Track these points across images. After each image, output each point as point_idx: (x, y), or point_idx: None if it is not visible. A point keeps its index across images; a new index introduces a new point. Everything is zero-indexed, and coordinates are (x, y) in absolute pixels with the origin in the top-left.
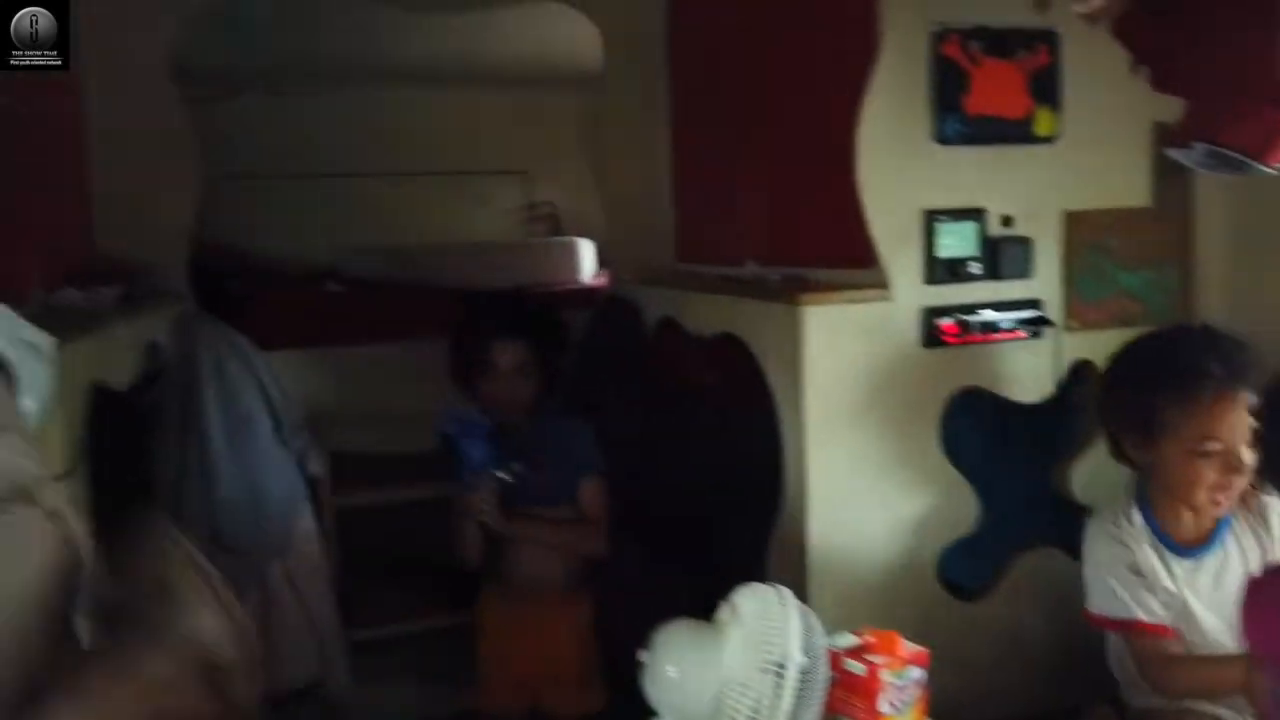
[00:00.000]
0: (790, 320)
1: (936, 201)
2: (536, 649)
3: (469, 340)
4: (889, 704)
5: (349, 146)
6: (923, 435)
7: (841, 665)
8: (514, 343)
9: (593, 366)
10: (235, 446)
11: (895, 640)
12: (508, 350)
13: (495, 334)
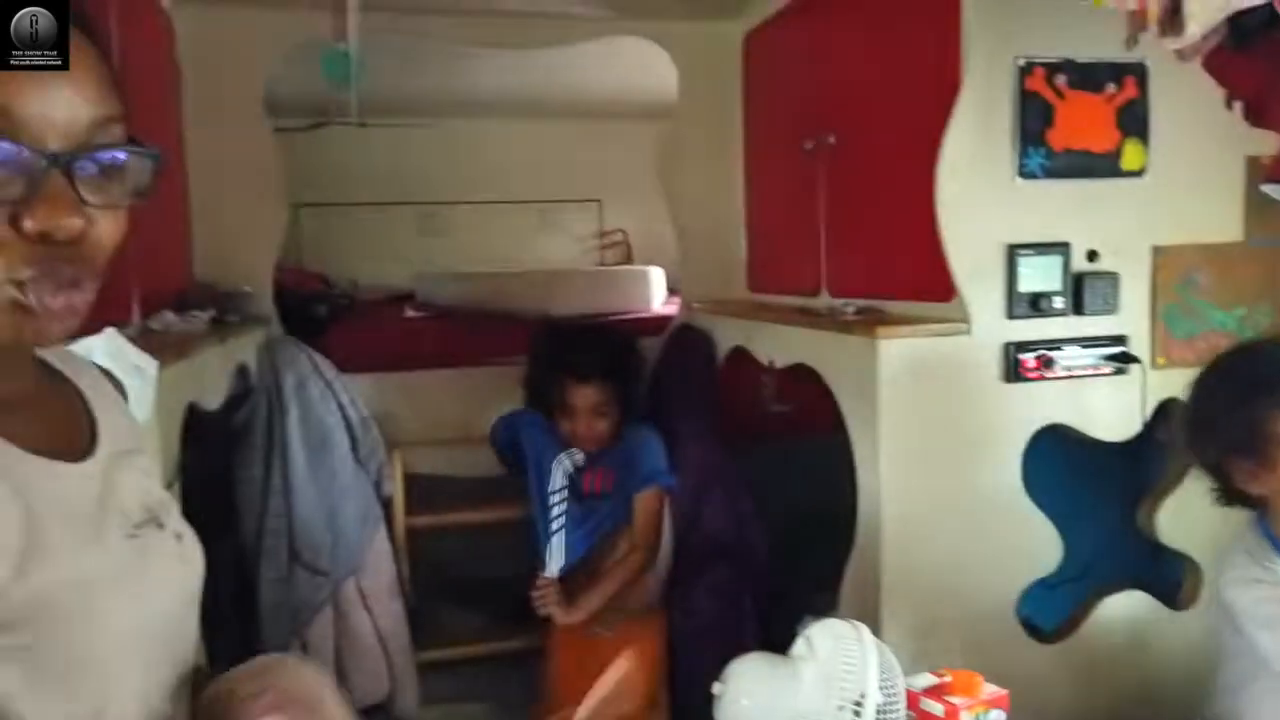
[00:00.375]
0: (866, 352)
1: (1019, 235)
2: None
3: (547, 382)
4: None
5: (428, 176)
6: (1003, 472)
7: (919, 705)
8: (592, 385)
9: (663, 395)
10: (315, 466)
11: (976, 681)
12: (586, 393)
13: (574, 377)
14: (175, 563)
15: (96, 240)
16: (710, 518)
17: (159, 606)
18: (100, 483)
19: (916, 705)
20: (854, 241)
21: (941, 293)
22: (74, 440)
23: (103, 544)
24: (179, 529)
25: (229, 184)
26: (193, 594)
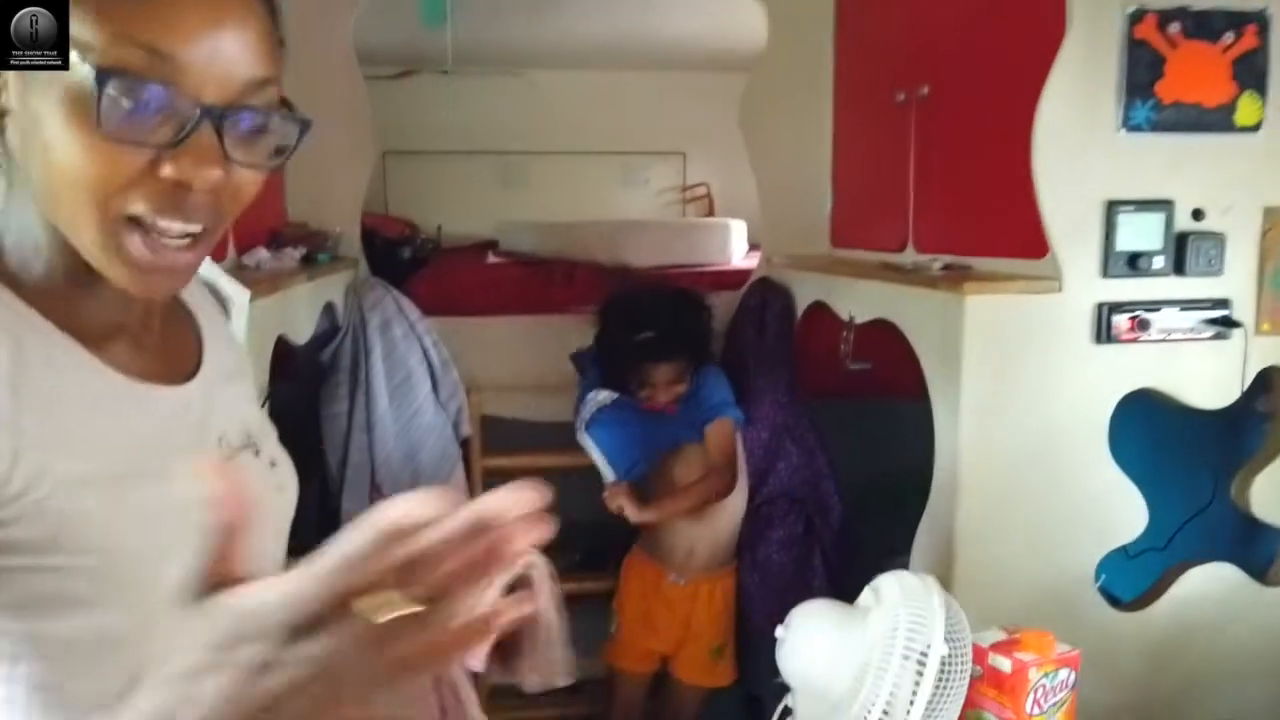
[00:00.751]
0: (952, 309)
1: (1119, 191)
2: (676, 620)
3: (622, 363)
4: (1035, 704)
5: (514, 125)
6: (1089, 437)
7: (987, 661)
8: (668, 363)
9: (739, 349)
10: (397, 404)
11: (1047, 640)
12: (664, 370)
13: (650, 359)
14: (269, 490)
15: (231, 196)
16: (784, 472)
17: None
18: (201, 405)
19: (984, 660)
20: (944, 196)
21: (1033, 249)
22: (180, 362)
23: None
24: (275, 455)
25: (321, 128)
26: (284, 521)
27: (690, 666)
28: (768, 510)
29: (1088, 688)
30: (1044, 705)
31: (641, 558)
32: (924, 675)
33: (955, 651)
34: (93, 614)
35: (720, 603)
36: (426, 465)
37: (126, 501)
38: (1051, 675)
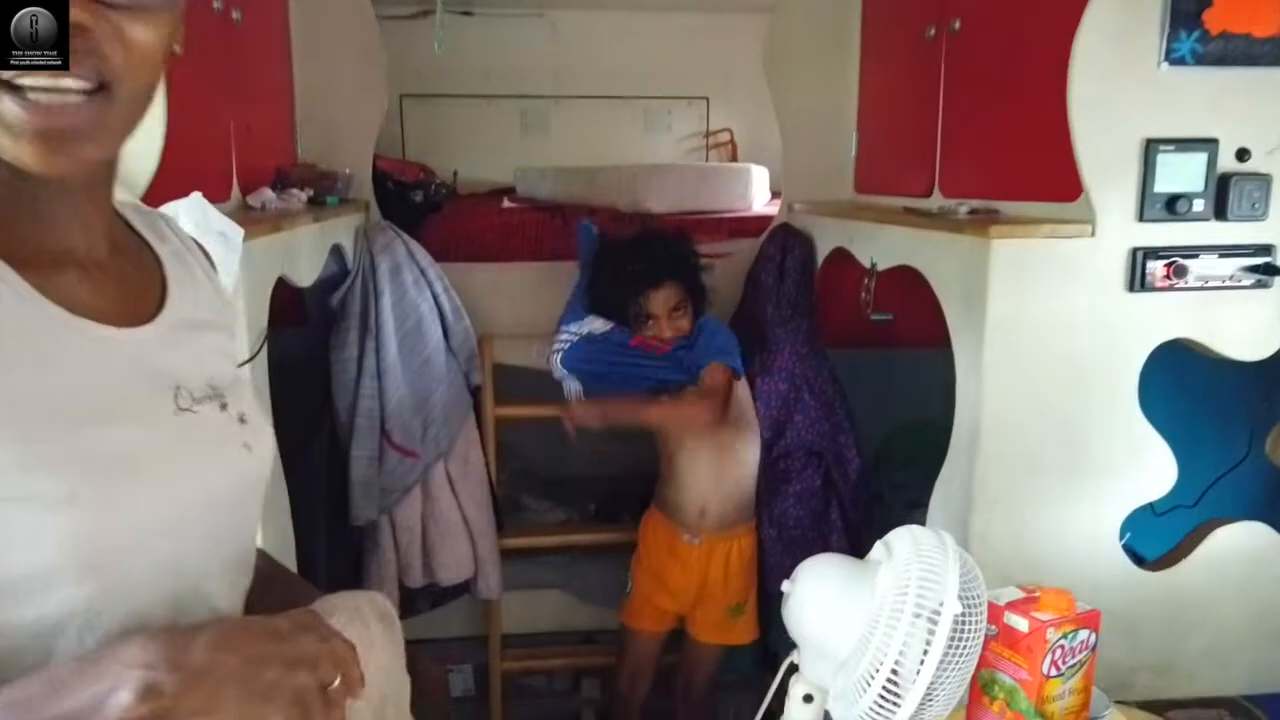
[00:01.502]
0: (977, 254)
1: (1159, 130)
2: (691, 581)
3: (620, 295)
4: (1053, 665)
5: (533, 69)
6: (1119, 389)
7: (1003, 619)
8: (666, 287)
9: (758, 297)
10: (407, 351)
11: (1067, 599)
12: (664, 296)
13: (648, 284)
14: (233, 446)
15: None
16: (802, 425)
17: (206, 486)
18: (157, 351)
19: (1000, 619)
20: (973, 137)
21: (1066, 192)
22: (139, 305)
23: (146, 415)
24: (245, 412)
25: (333, 66)
26: (252, 481)
27: (707, 626)
28: (785, 464)
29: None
30: (1061, 666)
31: (657, 517)
32: (936, 634)
33: (969, 609)
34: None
35: (737, 562)
36: (437, 413)
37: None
38: (1071, 635)
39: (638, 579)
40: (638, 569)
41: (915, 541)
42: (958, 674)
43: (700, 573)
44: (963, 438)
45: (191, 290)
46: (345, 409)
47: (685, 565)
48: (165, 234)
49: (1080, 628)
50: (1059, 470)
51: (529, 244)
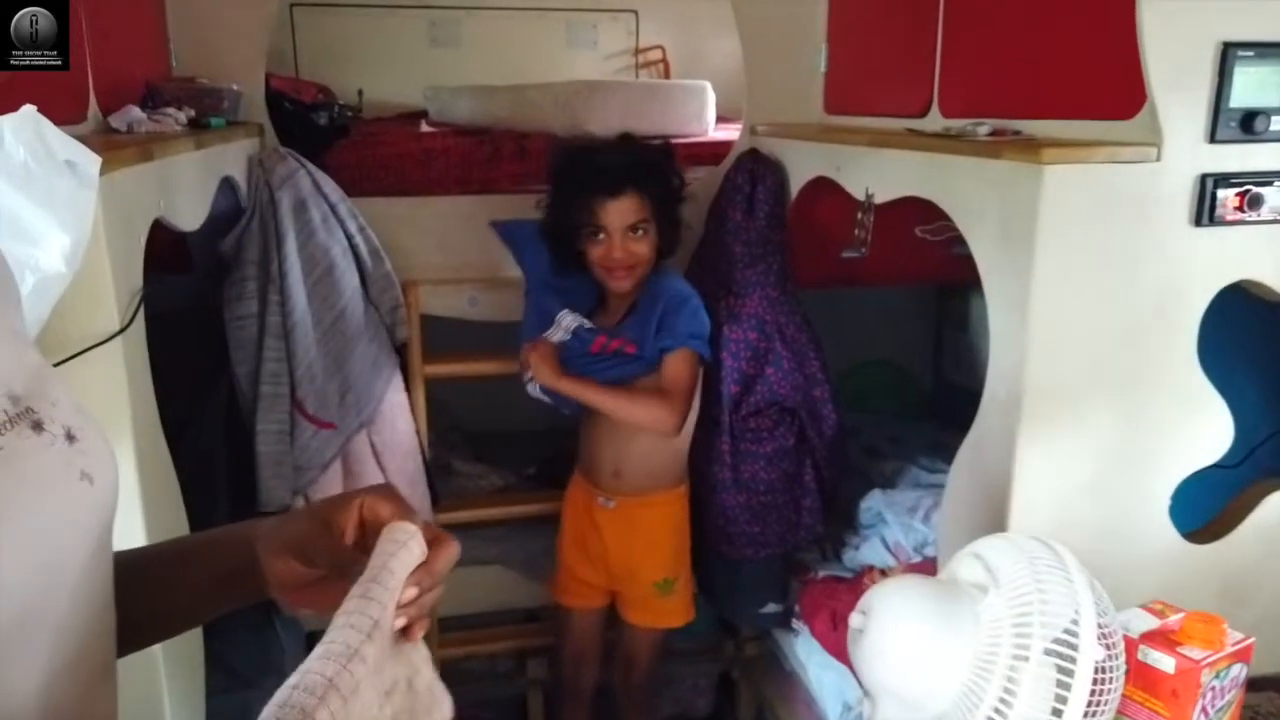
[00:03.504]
0: (1024, 186)
1: (1238, 31)
2: (607, 549)
3: (569, 199)
4: (1202, 712)
5: None
6: (1177, 339)
7: (1136, 655)
8: (625, 198)
9: (720, 235)
10: (317, 303)
11: (1217, 628)
12: (619, 208)
13: (603, 191)
14: (68, 480)
15: None
16: (774, 379)
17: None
18: None
19: (1133, 655)
20: (986, 42)
21: (1120, 107)
22: None
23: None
24: (70, 424)
25: None
26: (102, 523)
27: (633, 605)
28: (755, 423)
29: None
30: (1211, 712)
31: (578, 479)
32: (1074, 687)
33: (1111, 652)
34: None
35: (661, 531)
36: (358, 374)
37: None
38: (1224, 673)
39: (561, 548)
40: (561, 537)
41: (1025, 558)
42: None
43: (619, 540)
44: (998, 398)
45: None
46: (246, 375)
47: (601, 532)
48: None
49: (1234, 663)
50: (1109, 433)
51: (454, 173)
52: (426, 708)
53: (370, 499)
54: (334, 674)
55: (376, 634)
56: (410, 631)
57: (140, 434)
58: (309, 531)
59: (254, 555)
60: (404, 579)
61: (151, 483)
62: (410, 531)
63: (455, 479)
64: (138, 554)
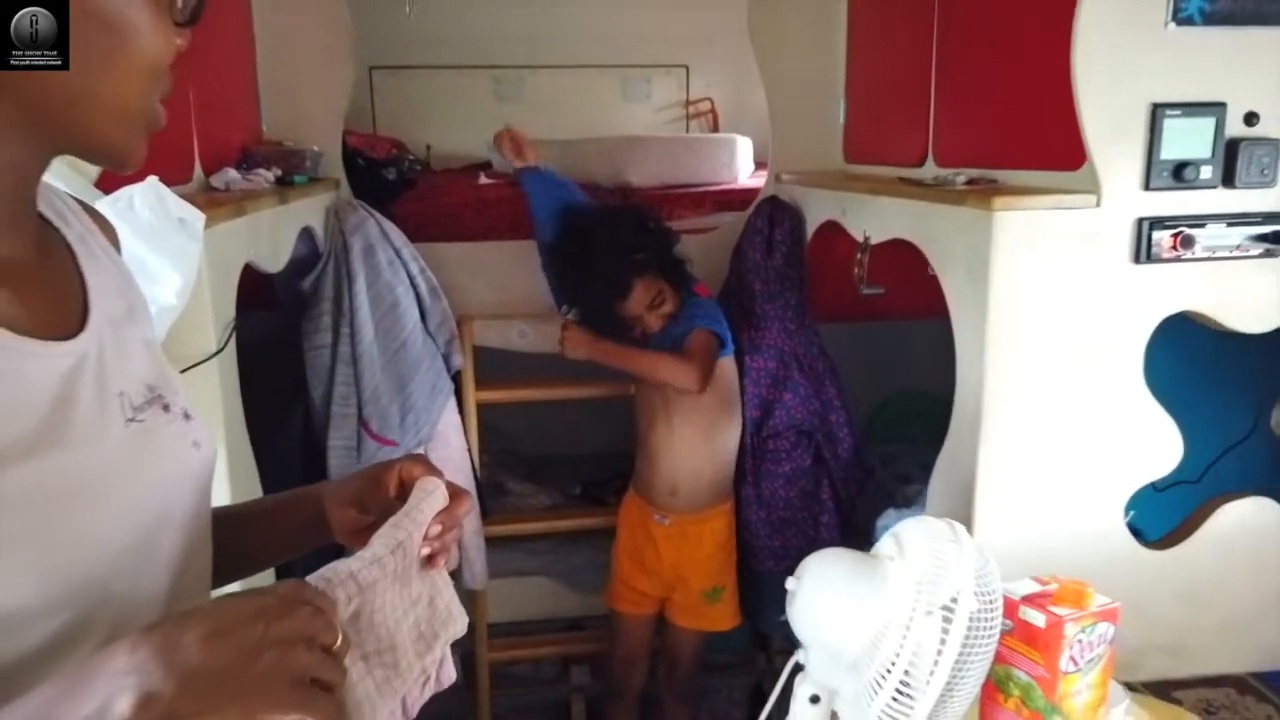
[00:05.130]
0: (979, 226)
1: (1166, 93)
2: (664, 562)
3: (592, 301)
4: (1071, 661)
5: (506, 38)
6: (1124, 364)
7: (1018, 614)
8: (640, 288)
9: (745, 272)
10: (383, 335)
11: (1084, 592)
12: (636, 299)
13: (615, 292)
14: (185, 448)
15: None
16: (792, 404)
17: (165, 499)
18: (97, 360)
19: (1015, 614)
20: (968, 104)
21: (1069, 160)
22: (66, 312)
23: (102, 437)
24: (186, 406)
25: (297, 36)
26: (207, 477)
27: (683, 610)
28: (774, 444)
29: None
30: (1080, 662)
31: (634, 497)
32: (951, 632)
33: (985, 605)
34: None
35: (711, 544)
36: (416, 399)
37: (23, 483)
38: (1089, 629)
39: (617, 560)
40: (617, 550)
41: (927, 534)
42: (974, 673)
43: (673, 554)
44: (965, 415)
45: (103, 279)
46: (320, 397)
47: (657, 546)
48: (66, 215)
49: (1100, 621)
50: (1064, 448)
51: (506, 220)
52: (444, 621)
53: (406, 464)
54: (356, 569)
55: (399, 552)
56: (433, 559)
57: (230, 437)
58: (363, 487)
59: (321, 508)
60: (430, 517)
61: (238, 478)
62: (436, 483)
63: (508, 497)
64: (232, 508)
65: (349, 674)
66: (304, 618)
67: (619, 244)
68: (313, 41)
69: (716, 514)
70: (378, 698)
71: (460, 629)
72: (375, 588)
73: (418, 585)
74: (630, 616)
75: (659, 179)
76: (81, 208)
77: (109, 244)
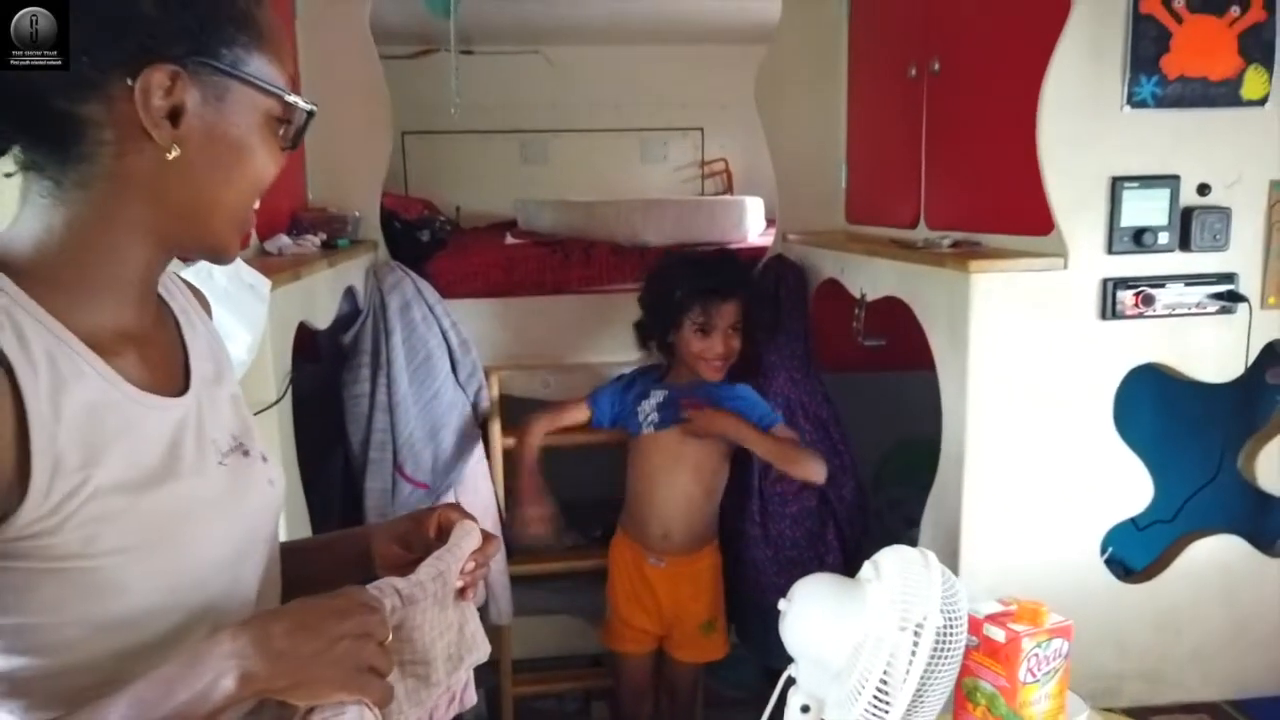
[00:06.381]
0: (959, 288)
1: (1125, 167)
2: (662, 602)
3: (683, 303)
4: (1029, 673)
5: (531, 103)
6: (1096, 412)
7: (982, 631)
8: (733, 302)
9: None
10: (417, 386)
11: (1040, 611)
12: (728, 310)
13: (717, 295)
14: (264, 485)
15: None
16: None
17: (251, 525)
18: (197, 413)
19: (979, 631)
20: (954, 172)
21: (1040, 226)
22: (173, 371)
23: (203, 474)
24: (263, 451)
25: (340, 110)
26: (278, 509)
27: (682, 644)
28: (781, 486)
29: (1099, 657)
30: (1037, 674)
31: (623, 539)
32: (919, 645)
33: (950, 622)
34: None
35: (704, 581)
36: (447, 445)
37: (146, 505)
38: (1045, 644)
39: (614, 602)
40: (612, 592)
41: (901, 560)
42: (941, 682)
43: (670, 593)
44: (950, 459)
45: (199, 345)
46: (358, 443)
47: (653, 587)
48: (173, 290)
49: (1054, 637)
50: (1042, 489)
51: (531, 277)
52: (470, 646)
53: (445, 510)
54: (402, 586)
55: (439, 580)
56: (465, 592)
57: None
58: (409, 528)
59: (368, 546)
60: (467, 554)
61: (290, 512)
62: (473, 526)
63: None
64: (293, 542)
65: None
66: (366, 618)
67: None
68: (355, 114)
69: (706, 553)
70: (406, 703)
71: (483, 655)
72: (417, 606)
73: (451, 612)
74: (632, 656)
75: (674, 238)
76: (182, 282)
77: (204, 312)
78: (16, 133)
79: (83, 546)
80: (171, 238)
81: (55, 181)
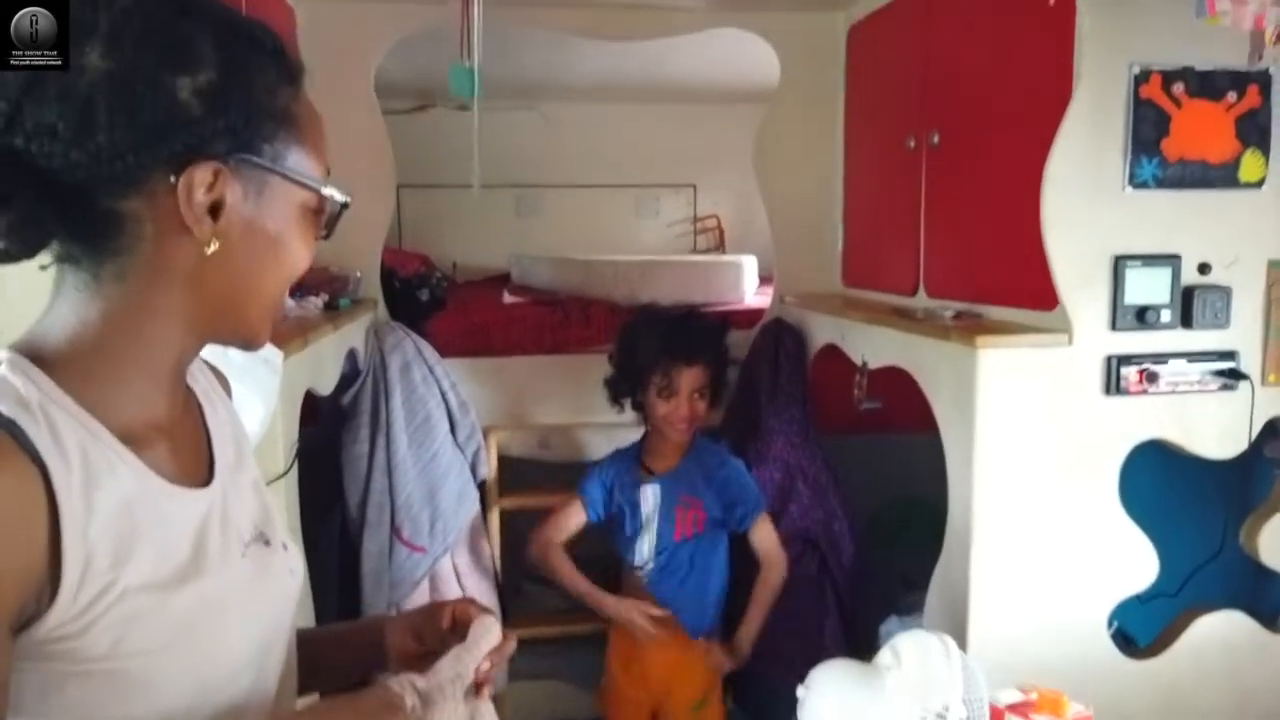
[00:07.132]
0: (965, 361)
1: (1127, 246)
2: (660, 680)
3: (647, 366)
4: None
5: (526, 158)
6: (1100, 487)
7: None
8: (697, 366)
9: (752, 388)
10: (416, 447)
11: (1060, 701)
12: (693, 374)
13: (681, 359)
14: (284, 574)
15: None
16: (795, 514)
17: (274, 617)
18: (222, 503)
19: None
20: (954, 243)
21: (1044, 301)
22: (198, 461)
23: (228, 568)
24: (284, 539)
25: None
26: (298, 597)
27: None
28: None
29: None
30: None
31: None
32: None
33: (973, 713)
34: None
35: (699, 663)
36: (445, 506)
37: (175, 604)
38: None
39: (612, 668)
40: (612, 657)
41: (921, 647)
42: None
43: (668, 672)
44: (957, 531)
45: (221, 430)
46: (356, 504)
47: (645, 657)
48: (195, 374)
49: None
50: (1048, 563)
51: (530, 336)
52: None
53: (461, 603)
54: (422, 685)
55: (459, 680)
56: (480, 690)
57: None
58: (424, 620)
59: (380, 637)
60: (486, 651)
61: None
62: (493, 622)
63: (523, 597)
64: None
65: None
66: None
67: (703, 326)
68: (357, 173)
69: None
70: None
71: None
72: (435, 706)
73: (468, 708)
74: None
75: (671, 299)
76: (203, 363)
77: (224, 393)
78: (57, 228)
79: (111, 648)
80: (207, 327)
81: (92, 274)
